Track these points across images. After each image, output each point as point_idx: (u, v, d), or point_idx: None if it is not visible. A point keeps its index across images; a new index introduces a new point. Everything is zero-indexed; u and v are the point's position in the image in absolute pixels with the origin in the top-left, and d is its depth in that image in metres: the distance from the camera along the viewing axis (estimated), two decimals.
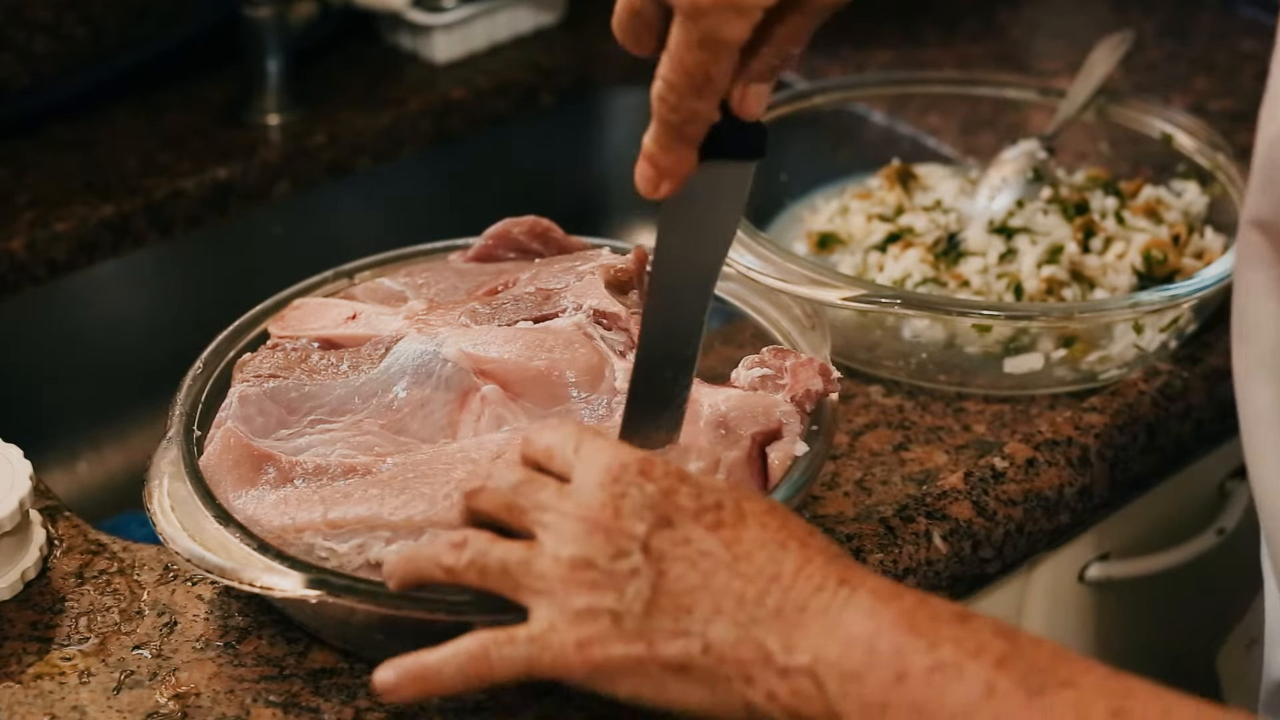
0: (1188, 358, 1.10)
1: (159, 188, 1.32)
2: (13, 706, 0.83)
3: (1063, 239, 1.12)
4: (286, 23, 1.40)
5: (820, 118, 1.27)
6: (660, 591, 0.74)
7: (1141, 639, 1.24)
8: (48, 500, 0.97)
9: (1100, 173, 1.23)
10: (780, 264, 1.02)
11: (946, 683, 0.69)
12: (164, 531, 0.83)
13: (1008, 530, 0.99)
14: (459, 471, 0.85)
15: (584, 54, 1.54)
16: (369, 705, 0.84)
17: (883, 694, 0.70)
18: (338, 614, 0.84)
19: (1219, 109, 1.38)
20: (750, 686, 0.72)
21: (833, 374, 0.91)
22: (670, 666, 0.73)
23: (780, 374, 0.90)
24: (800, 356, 0.92)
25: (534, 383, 0.91)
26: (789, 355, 0.92)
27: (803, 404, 0.89)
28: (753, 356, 0.92)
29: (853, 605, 0.72)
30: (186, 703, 0.84)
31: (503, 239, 1.04)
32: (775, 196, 1.25)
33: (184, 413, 0.92)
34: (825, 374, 0.90)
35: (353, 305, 0.99)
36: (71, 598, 0.90)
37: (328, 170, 1.40)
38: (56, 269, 1.28)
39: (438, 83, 1.47)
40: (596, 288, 0.96)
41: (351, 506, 0.84)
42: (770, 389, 0.90)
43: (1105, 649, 1.21)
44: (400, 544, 0.82)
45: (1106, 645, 1.21)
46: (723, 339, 1.11)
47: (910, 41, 1.53)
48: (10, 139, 1.36)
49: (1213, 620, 1.24)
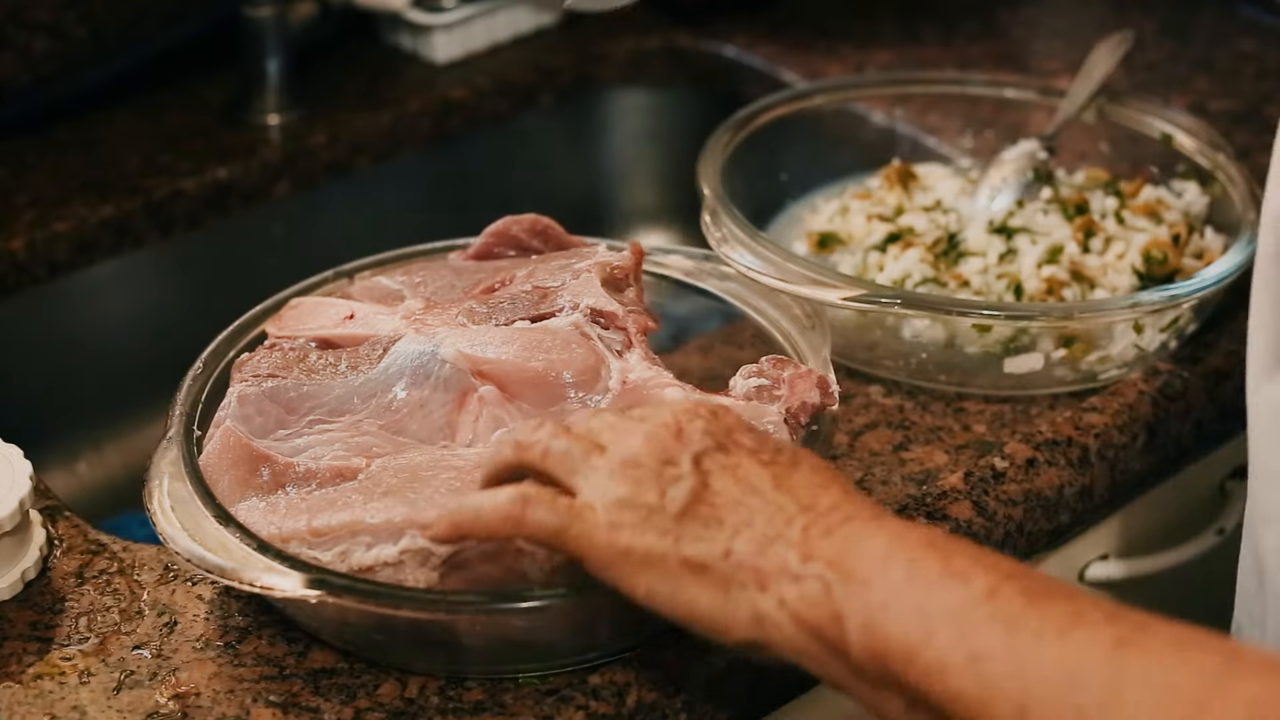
0: (1188, 358, 1.10)
1: (159, 188, 1.32)
2: (13, 706, 0.83)
3: (1063, 239, 1.12)
4: (286, 23, 1.40)
5: (820, 118, 1.27)
6: (698, 500, 0.76)
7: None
8: (48, 500, 0.97)
9: (1100, 173, 1.23)
10: (780, 264, 1.02)
11: (952, 585, 0.70)
12: (164, 531, 0.83)
13: (1008, 530, 0.99)
14: (444, 475, 0.85)
15: (584, 54, 1.54)
16: (369, 705, 0.84)
17: (886, 596, 0.71)
18: (337, 614, 0.84)
19: (1219, 109, 1.38)
20: (762, 594, 0.74)
21: (831, 387, 0.91)
22: (690, 565, 0.75)
23: (777, 385, 0.90)
24: (800, 368, 0.91)
25: (531, 384, 0.91)
26: (788, 365, 0.91)
27: (797, 416, 0.89)
28: (751, 366, 0.92)
29: (879, 531, 0.74)
30: (186, 703, 0.84)
31: (502, 237, 1.04)
32: (775, 196, 1.25)
33: (184, 413, 0.92)
34: (823, 387, 0.90)
35: (350, 305, 0.99)
36: (71, 598, 0.90)
37: (328, 170, 1.40)
38: (56, 269, 1.28)
39: (438, 83, 1.47)
40: (593, 286, 0.96)
41: (335, 513, 0.84)
42: (766, 400, 0.90)
43: None
44: (379, 548, 0.82)
45: None
46: (723, 339, 1.11)
47: (910, 41, 1.53)
48: (10, 139, 1.36)
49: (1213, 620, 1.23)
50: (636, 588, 0.77)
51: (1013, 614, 0.68)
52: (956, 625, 0.69)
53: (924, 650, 0.69)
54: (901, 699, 0.71)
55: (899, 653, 0.70)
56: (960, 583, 0.70)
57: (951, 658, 0.68)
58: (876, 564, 0.72)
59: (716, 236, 1.05)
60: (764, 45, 1.52)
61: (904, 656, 0.69)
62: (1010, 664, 0.67)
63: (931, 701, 0.69)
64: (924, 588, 0.70)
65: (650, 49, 1.56)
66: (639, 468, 0.77)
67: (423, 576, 0.82)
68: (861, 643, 0.71)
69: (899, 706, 0.71)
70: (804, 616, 0.73)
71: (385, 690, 0.84)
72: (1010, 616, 0.68)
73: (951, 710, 0.68)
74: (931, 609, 0.69)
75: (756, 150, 1.21)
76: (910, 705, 0.71)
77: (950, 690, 0.68)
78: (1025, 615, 0.68)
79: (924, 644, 0.69)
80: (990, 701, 0.67)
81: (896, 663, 0.70)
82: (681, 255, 1.06)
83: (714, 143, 1.16)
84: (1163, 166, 1.22)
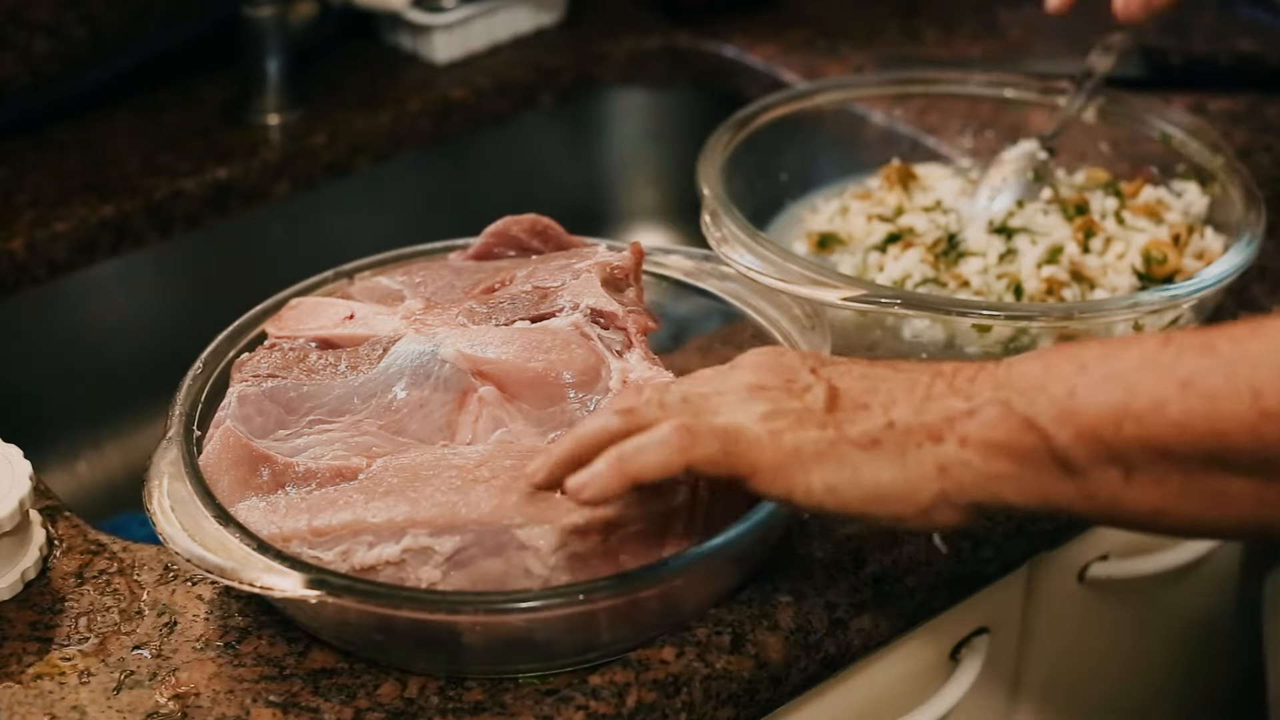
0: None
1: (159, 188, 1.32)
2: (13, 706, 0.83)
3: (1063, 239, 1.12)
4: (286, 23, 1.40)
5: (820, 118, 1.27)
6: (836, 396, 0.78)
7: (1142, 639, 1.24)
8: (48, 500, 0.97)
9: (1100, 173, 1.23)
10: (780, 264, 1.02)
11: (1122, 350, 0.74)
12: (164, 531, 0.83)
13: (1008, 530, 0.99)
14: (446, 474, 0.85)
15: (584, 54, 1.54)
16: (369, 705, 0.84)
17: (1068, 385, 0.74)
18: (337, 614, 0.84)
19: (1219, 109, 1.38)
20: (940, 444, 0.76)
21: None
22: (860, 444, 0.77)
23: None
24: None
25: (531, 384, 0.91)
26: None
27: None
28: None
29: (1019, 360, 0.77)
30: (186, 703, 0.84)
31: (502, 237, 1.04)
32: (775, 196, 1.25)
33: (184, 413, 0.92)
34: None
35: (349, 305, 0.99)
36: (71, 598, 0.90)
37: (328, 170, 1.40)
38: (56, 269, 1.28)
39: (438, 83, 1.47)
40: (593, 286, 0.96)
41: (337, 513, 0.84)
42: None
43: (1105, 649, 1.21)
44: (381, 547, 0.82)
45: (1106, 645, 1.21)
46: (722, 339, 1.11)
47: (910, 41, 1.53)
48: (10, 139, 1.36)
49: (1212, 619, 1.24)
50: (813, 485, 0.77)
51: (1198, 342, 0.72)
52: (1152, 371, 0.72)
53: (1132, 403, 0.72)
54: (1118, 468, 0.73)
55: (1108, 419, 0.72)
56: (1126, 346, 0.74)
57: (1164, 393, 0.71)
58: (1038, 371, 0.75)
59: (716, 236, 1.05)
60: (764, 45, 1.52)
61: (1114, 419, 0.72)
62: (1223, 370, 0.70)
63: (1154, 445, 0.72)
64: (1099, 365, 0.73)
65: (650, 49, 1.56)
66: (765, 389, 0.78)
67: (425, 575, 0.82)
68: (1064, 433, 0.73)
69: (1116, 478, 0.73)
70: (994, 439, 0.75)
71: (385, 690, 0.84)
72: (1198, 344, 0.72)
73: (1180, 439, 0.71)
74: (1119, 372, 0.72)
75: (756, 150, 1.21)
76: (1127, 472, 0.73)
77: (1174, 419, 0.71)
78: (1210, 338, 0.71)
79: (1129, 399, 0.72)
80: (1217, 409, 0.70)
81: (1108, 429, 0.72)
82: (681, 255, 1.06)
83: (714, 143, 1.16)
84: (1163, 166, 1.22)
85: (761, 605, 0.89)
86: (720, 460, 0.77)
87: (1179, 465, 0.72)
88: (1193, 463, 0.72)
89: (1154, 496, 0.73)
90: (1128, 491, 0.73)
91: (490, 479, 0.84)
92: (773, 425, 0.77)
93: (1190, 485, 0.72)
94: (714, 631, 0.87)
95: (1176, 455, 0.72)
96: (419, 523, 0.82)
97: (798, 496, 0.77)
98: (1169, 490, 0.73)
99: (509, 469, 0.85)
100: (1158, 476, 0.73)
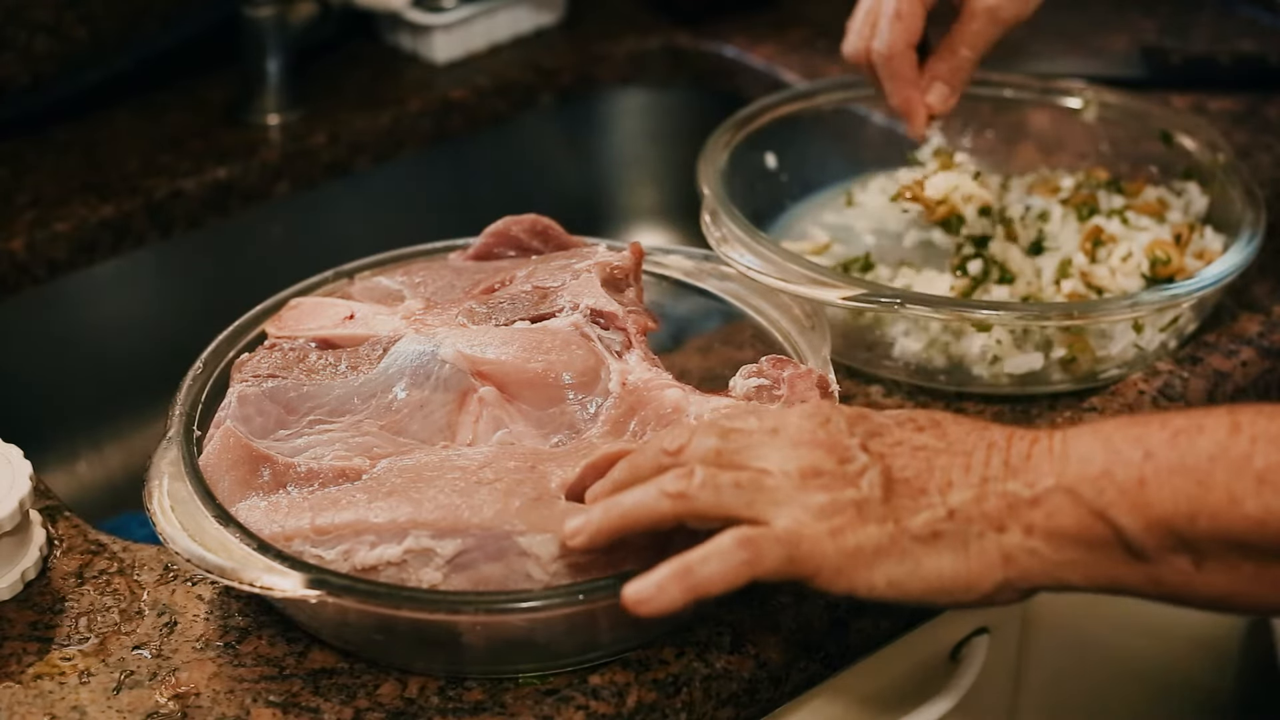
0: (1188, 358, 1.09)
1: (159, 188, 1.32)
2: (13, 706, 0.83)
3: (1071, 252, 1.12)
4: (286, 23, 1.40)
5: (820, 118, 1.27)
6: (892, 479, 0.76)
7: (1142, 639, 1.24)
8: (48, 500, 0.97)
9: (1100, 173, 1.23)
10: (780, 264, 1.02)
11: (1191, 439, 0.72)
12: (164, 531, 0.83)
13: None
14: (449, 475, 0.85)
15: (584, 54, 1.54)
16: (369, 705, 0.84)
17: (1136, 473, 0.73)
18: (337, 614, 0.84)
19: (1219, 109, 1.38)
20: (1004, 534, 0.75)
21: (831, 386, 0.91)
22: (921, 538, 0.75)
23: (777, 384, 0.90)
24: (799, 367, 0.91)
25: (531, 384, 0.91)
26: (787, 365, 0.91)
27: None
28: (751, 366, 0.92)
29: (1074, 436, 0.76)
30: (186, 703, 0.84)
31: (502, 237, 1.04)
32: (775, 196, 1.25)
33: (184, 413, 0.92)
34: (823, 386, 0.90)
35: (349, 305, 0.99)
36: (71, 598, 0.90)
37: (328, 170, 1.40)
38: (56, 269, 1.28)
39: (438, 83, 1.47)
40: (593, 286, 0.96)
41: (339, 512, 0.84)
42: (766, 400, 0.90)
43: (1105, 649, 1.20)
44: (383, 548, 0.82)
45: (1107, 645, 1.21)
46: (722, 339, 1.11)
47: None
48: (10, 139, 1.36)
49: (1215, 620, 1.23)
50: (875, 582, 0.76)
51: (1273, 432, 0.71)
52: (1225, 464, 0.71)
53: (1206, 498, 0.71)
54: (1189, 556, 0.72)
55: (1182, 513, 0.71)
56: (1196, 434, 0.72)
57: (1239, 489, 0.70)
58: (1100, 454, 0.74)
59: (716, 236, 1.05)
60: (764, 45, 1.52)
61: (1188, 514, 0.71)
62: None
63: (1229, 539, 0.71)
64: (1167, 452, 0.72)
65: (650, 49, 1.56)
66: (820, 474, 0.76)
67: (426, 576, 0.82)
68: (1135, 524, 0.72)
69: (1187, 565, 0.73)
70: (1063, 530, 0.74)
71: (385, 690, 0.84)
72: (1273, 435, 0.71)
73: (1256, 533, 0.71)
74: (1190, 465, 0.72)
75: (756, 150, 1.21)
76: (1199, 560, 0.72)
77: (1251, 515, 0.70)
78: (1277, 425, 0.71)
79: (1204, 493, 0.71)
80: None
81: (1181, 522, 0.71)
82: (681, 255, 1.06)
83: (714, 143, 1.16)
84: (1163, 166, 1.22)
85: (761, 605, 0.89)
86: (785, 569, 0.76)
87: (1252, 555, 0.72)
88: (1267, 554, 0.71)
89: (1225, 583, 0.73)
90: (1198, 577, 0.73)
91: (493, 481, 0.84)
92: (833, 523, 0.75)
93: (1264, 572, 0.72)
94: (714, 631, 0.87)
95: (1250, 547, 0.71)
96: (421, 524, 0.82)
97: (860, 592, 0.76)
98: (1241, 576, 0.73)
99: (512, 471, 0.85)
100: (1230, 564, 0.72)
